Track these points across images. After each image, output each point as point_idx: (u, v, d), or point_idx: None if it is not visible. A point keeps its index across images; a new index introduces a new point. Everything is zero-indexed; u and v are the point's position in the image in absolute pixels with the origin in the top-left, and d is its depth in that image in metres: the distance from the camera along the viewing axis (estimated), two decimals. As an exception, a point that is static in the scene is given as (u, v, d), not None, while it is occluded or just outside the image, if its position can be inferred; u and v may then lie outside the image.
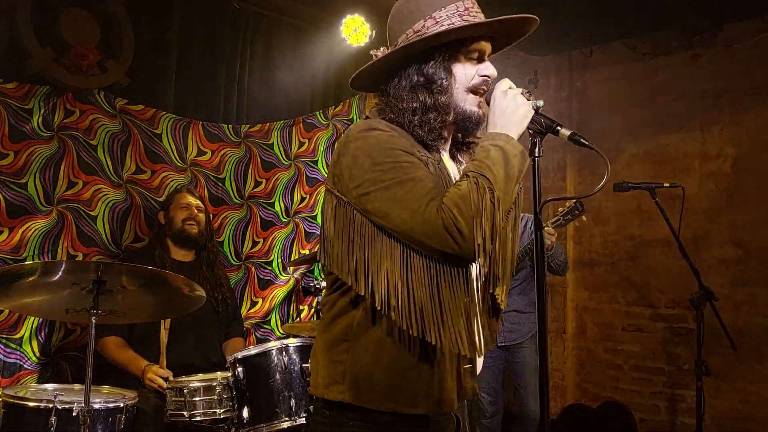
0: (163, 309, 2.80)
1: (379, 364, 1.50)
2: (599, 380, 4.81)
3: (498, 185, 1.41)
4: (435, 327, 1.44)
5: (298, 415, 2.88)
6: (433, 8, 1.58)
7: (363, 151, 1.48)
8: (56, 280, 2.40)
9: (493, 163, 1.43)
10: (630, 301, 4.70)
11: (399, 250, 1.45)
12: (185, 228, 3.35)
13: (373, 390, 1.50)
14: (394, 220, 1.42)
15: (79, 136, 3.35)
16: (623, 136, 4.72)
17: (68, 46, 3.19)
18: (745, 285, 4.19)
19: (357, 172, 1.47)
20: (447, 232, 1.37)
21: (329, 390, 1.54)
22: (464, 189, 1.40)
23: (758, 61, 4.18)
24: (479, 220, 1.37)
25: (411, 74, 1.58)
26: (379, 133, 1.50)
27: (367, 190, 1.45)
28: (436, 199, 1.41)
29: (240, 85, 4.02)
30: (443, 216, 1.38)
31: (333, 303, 1.59)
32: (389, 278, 1.44)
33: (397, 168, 1.44)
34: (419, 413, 1.52)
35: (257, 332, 4.06)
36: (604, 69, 4.87)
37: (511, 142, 1.47)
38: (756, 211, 4.17)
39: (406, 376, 1.50)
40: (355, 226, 1.49)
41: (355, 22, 4.06)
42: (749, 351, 4.06)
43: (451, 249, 1.39)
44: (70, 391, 2.61)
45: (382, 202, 1.43)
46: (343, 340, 1.54)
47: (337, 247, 1.52)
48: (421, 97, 1.56)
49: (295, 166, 4.25)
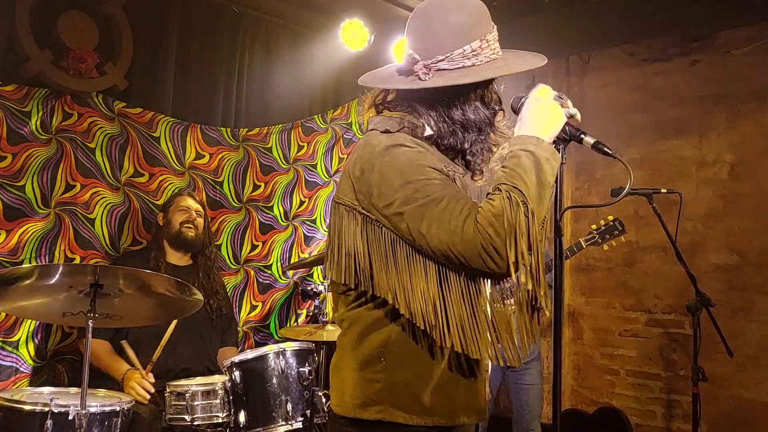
0: (161, 312, 2.80)
1: (419, 379, 1.50)
2: (595, 385, 4.81)
3: (531, 196, 1.38)
4: (475, 342, 1.44)
5: (295, 419, 2.89)
6: (483, 28, 1.57)
7: (393, 168, 1.45)
8: (53, 283, 2.40)
9: (525, 172, 1.40)
10: (626, 307, 4.70)
11: (434, 269, 1.44)
12: (183, 231, 3.34)
13: (414, 407, 1.50)
14: (430, 240, 1.40)
15: (77, 138, 3.34)
16: (621, 142, 4.72)
17: (66, 49, 3.19)
18: (742, 291, 4.20)
19: (387, 190, 1.44)
20: (485, 252, 1.35)
21: (365, 410, 1.52)
22: (498, 206, 1.37)
23: (756, 67, 4.19)
24: (513, 238, 1.35)
25: (469, 93, 1.57)
26: (407, 149, 1.48)
27: (400, 210, 1.43)
28: (472, 216, 1.38)
29: (238, 88, 4.01)
30: (481, 237, 1.35)
31: (357, 318, 1.56)
32: (425, 297, 1.43)
33: (430, 185, 1.42)
34: (460, 424, 1.54)
35: (256, 336, 4.06)
36: (602, 75, 4.89)
37: (542, 145, 1.45)
38: (753, 218, 4.18)
39: (445, 389, 1.51)
40: (386, 244, 1.47)
41: (354, 27, 4.07)
42: (745, 357, 4.06)
43: (489, 269, 1.37)
44: (66, 395, 2.60)
45: (417, 221, 1.41)
46: (379, 359, 1.52)
47: (366, 264, 1.49)
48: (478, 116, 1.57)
49: (294, 170, 4.25)
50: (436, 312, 1.43)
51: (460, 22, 1.56)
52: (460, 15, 1.56)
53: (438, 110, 1.57)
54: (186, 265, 3.41)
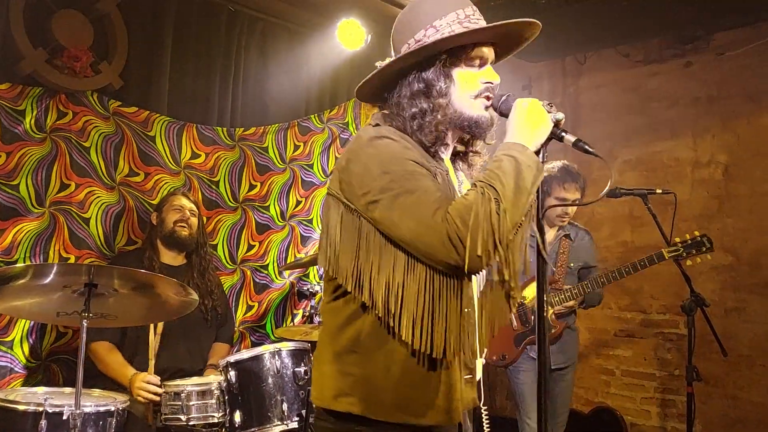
0: (155, 313, 2.79)
1: (389, 375, 1.50)
2: (591, 385, 4.82)
3: (506, 197, 1.39)
4: (428, 336, 1.44)
5: (290, 419, 2.89)
6: (434, 17, 1.58)
7: (374, 159, 1.48)
8: (47, 282, 2.39)
9: (503, 174, 1.42)
10: (622, 307, 4.71)
11: (403, 259, 1.45)
12: (176, 230, 3.32)
13: (383, 402, 1.50)
14: (400, 229, 1.42)
15: (72, 137, 3.33)
16: (616, 143, 4.75)
17: (61, 48, 3.18)
18: (736, 291, 4.21)
19: (367, 179, 1.47)
20: (450, 243, 1.37)
21: (338, 401, 1.53)
22: (470, 199, 1.39)
23: (750, 69, 4.21)
24: (481, 231, 1.36)
25: (411, 82, 1.59)
26: (390, 141, 1.51)
27: (375, 198, 1.45)
28: (443, 209, 1.40)
29: (234, 87, 4.00)
30: (448, 227, 1.37)
31: (337, 311, 1.58)
32: (390, 286, 1.44)
33: (407, 177, 1.44)
34: (428, 424, 1.52)
35: (252, 336, 4.05)
36: (598, 76, 4.90)
37: (525, 153, 1.46)
38: (747, 218, 4.20)
39: (416, 387, 1.50)
40: (362, 234, 1.49)
41: (351, 26, 4.06)
42: (739, 357, 4.08)
43: (453, 260, 1.38)
44: (60, 395, 2.59)
45: (390, 210, 1.43)
46: (352, 351, 1.54)
47: (342, 254, 1.51)
48: (420, 103, 1.57)
49: (290, 170, 4.24)
50: (397, 300, 1.44)
51: (409, 19, 1.63)
52: (410, 13, 1.63)
53: (401, 106, 1.60)
54: (180, 264, 3.40)
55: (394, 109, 1.60)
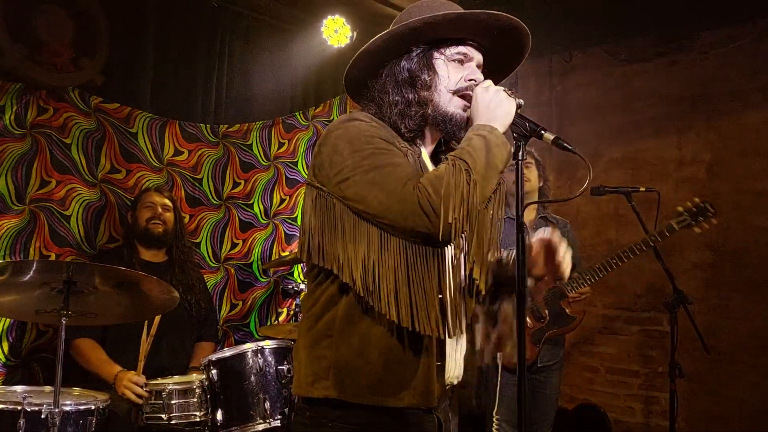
0: (136, 310, 2.76)
1: (363, 357, 1.50)
2: (575, 382, 4.84)
3: (477, 170, 1.41)
4: (407, 309, 1.44)
5: (273, 418, 2.87)
6: (425, 13, 1.59)
7: (343, 139, 1.49)
8: (27, 280, 2.36)
9: (474, 149, 1.44)
10: (606, 304, 4.73)
11: (377, 234, 1.46)
12: (149, 227, 3.27)
13: (358, 383, 1.50)
14: (371, 203, 1.42)
15: (53, 134, 3.29)
16: (601, 141, 4.76)
17: (42, 43, 3.15)
18: (719, 289, 4.24)
19: (337, 159, 1.48)
20: (422, 210, 1.37)
21: (313, 387, 1.54)
22: (441, 170, 1.41)
23: (733, 68, 4.24)
24: (452, 199, 1.36)
25: (395, 69, 1.59)
26: (360, 122, 1.52)
27: (346, 176, 1.46)
28: (413, 180, 1.41)
29: (218, 84, 3.97)
30: (418, 194, 1.38)
31: (315, 301, 1.58)
32: (366, 262, 1.45)
33: (377, 154, 1.45)
34: (403, 406, 1.51)
35: (236, 335, 4.03)
36: (584, 74, 4.92)
37: (494, 133, 1.47)
38: (730, 216, 4.23)
39: (391, 368, 1.50)
40: (335, 215, 1.50)
41: (336, 23, 4.05)
42: (722, 354, 4.11)
43: (425, 228, 1.38)
44: (40, 393, 2.56)
45: (361, 186, 1.43)
46: (326, 335, 1.54)
47: (317, 237, 1.52)
48: (404, 91, 1.58)
49: (274, 167, 4.22)
50: (375, 277, 1.44)
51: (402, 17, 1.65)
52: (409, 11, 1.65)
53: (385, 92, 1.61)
54: (161, 261, 3.36)
55: (376, 95, 1.61)
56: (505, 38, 1.64)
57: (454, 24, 1.57)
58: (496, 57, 1.68)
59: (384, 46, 1.60)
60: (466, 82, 1.59)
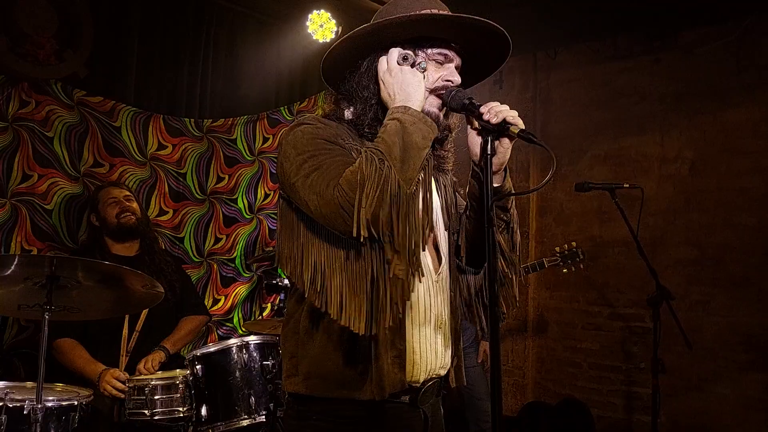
0: (120, 305, 2.73)
1: (324, 353, 1.54)
2: (558, 378, 4.87)
3: (392, 155, 1.40)
4: (351, 311, 1.43)
5: (258, 413, 2.85)
6: (407, 10, 1.58)
7: (290, 145, 1.52)
8: (8, 274, 2.33)
9: (387, 135, 1.44)
10: (589, 301, 4.77)
11: (324, 235, 1.48)
12: (122, 221, 3.17)
13: (323, 379, 1.54)
14: (309, 207, 1.44)
15: (35, 127, 3.25)
16: (585, 138, 4.79)
17: (24, 35, 3.11)
18: (701, 285, 4.29)
19: (286, 165, 1.50)
20: (343, 210, 1.37)
21: (288, 382, 1.60)
22: (356, 165, 1.40)
23: (716, 66, 4.28)
24: (365, 192, 1.36)
25: (375, 63, 1.58)
26: (306, 126, 1.54)
27: (293, 181, 1.47)
28: (337, 179, 1.41)
29: (203, 78, 3.95)
30: (338, 194, 1.38)
31: (290, 299, 1.65)
32: (315, 266, 1.47)
33: (316, 156, 1.47)
34: (366, 399, 1.52)
35: (219, 330, 4.01)
36: (568, 71, 4.94)
37: (408, 112, 1.47)
38: (712, 213, 4.27)
39: (348, 362, 1.53)
40: (293, 220, 1.53)
41: (321, 18, 4.04)
42: (704, 349, 4.16)
43: (346, 227, 1.38)
44: (21, 389, 2.53)
45: (302, 190, 1.45)
46: (294, 333, 1.60)
47: (280, 243, 1.56)
48: (367, 90, 1.58)
49: (258, 162, 4.21)
50: (322, 280, 1.46)
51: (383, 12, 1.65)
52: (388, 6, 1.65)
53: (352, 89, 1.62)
54: (134, 255, 3.25)
55: (353, 86, 1.61)
56: (486, 44, 1.64)
57: (438, 24, 1.57)
58: (473, 60, 1.68)
59: (365, 39, 1.59)
60: (443, 82, 1.59)
